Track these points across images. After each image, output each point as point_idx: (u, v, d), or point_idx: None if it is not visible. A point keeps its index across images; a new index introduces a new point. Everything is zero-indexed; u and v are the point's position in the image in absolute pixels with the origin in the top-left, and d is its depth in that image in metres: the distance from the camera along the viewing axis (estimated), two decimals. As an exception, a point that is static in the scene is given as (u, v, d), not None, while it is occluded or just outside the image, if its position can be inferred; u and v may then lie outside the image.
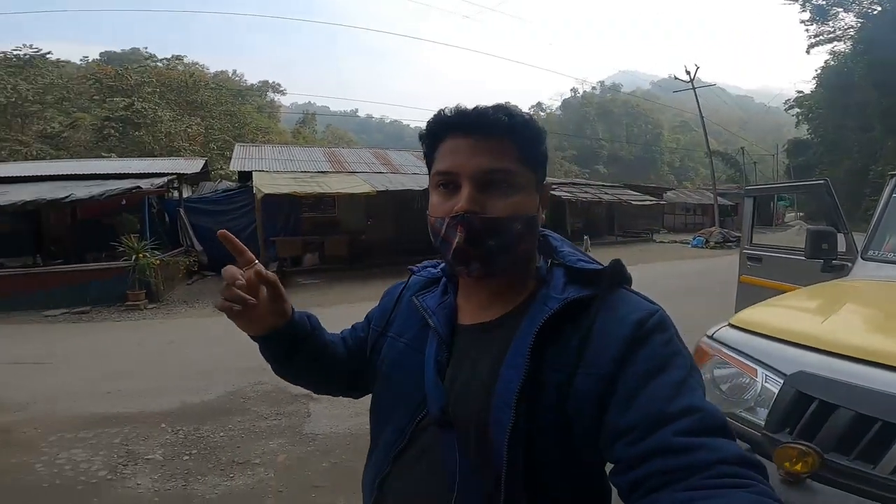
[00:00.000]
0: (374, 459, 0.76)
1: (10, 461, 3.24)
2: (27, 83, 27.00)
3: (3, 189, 10.09)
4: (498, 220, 0.66)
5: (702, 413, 0.56)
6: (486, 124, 0.67)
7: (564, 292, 0.67)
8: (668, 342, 0.63)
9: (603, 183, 26.48)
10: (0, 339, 7.11)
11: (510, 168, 0.67)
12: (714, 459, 0.52)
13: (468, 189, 0.66)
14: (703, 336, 1.94)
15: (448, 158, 0.68)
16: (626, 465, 0.57)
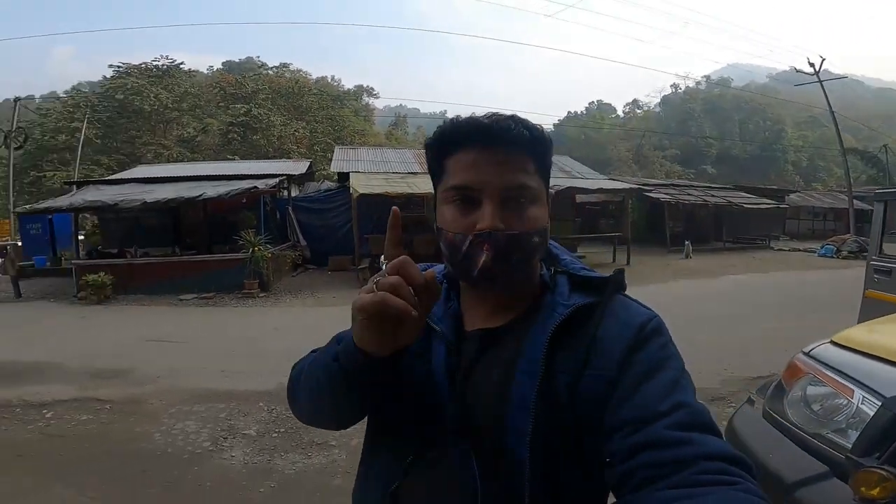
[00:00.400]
0: (378, 472, 0.74)
1: (136, 430, 3.79)
2: (167, 92, 31.13)
3: (150, 188, 11.82)
4: (520, 236, 0.67)
5: (690, 409, 0.59)
6: (510, 139, 0.66)
7: (571, 299, 0.69)
8: (663, 346, 0.66)
9: (710, 184, 24.36)
10: (143, 319, 8.36)
11: (532, 184, 0.68)
12: (700, 454, 0.54)
13: (491, 205, 0.65)
14: (798, 352, 1.84)
15: (468, 173, 0.67)
16: (618, 459, 0.58)
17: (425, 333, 0.72)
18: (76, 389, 4.66)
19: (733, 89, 65.54)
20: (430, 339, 0.73)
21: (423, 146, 0.75)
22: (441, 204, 0.71)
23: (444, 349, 0.72)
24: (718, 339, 6.02)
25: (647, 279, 11.44)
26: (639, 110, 68.33)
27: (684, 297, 9.30)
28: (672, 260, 14.48)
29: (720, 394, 4.25)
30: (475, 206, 0.66)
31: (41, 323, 8.14)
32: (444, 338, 0.72)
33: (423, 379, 0.71)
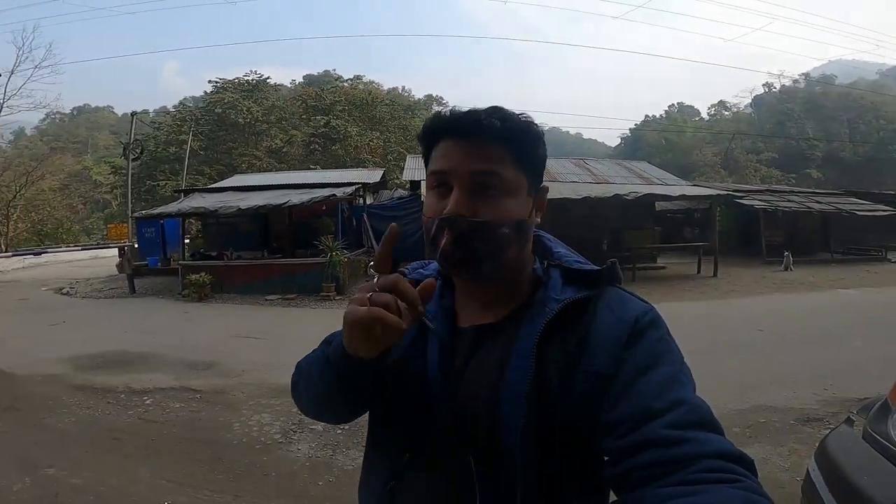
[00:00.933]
0: (378, 467, 0.75)
1: (219, 419, 4.10)
2: (257, 105, 33.81)
3: (244, 196, 12.87)
4: (485, 224, 0.66)
5: (689, 406, 0.58)
6: (479, 128, 0.67)
7: (563, 293, 0.69)
8: (660, 339, 0.66)
9: (814, 190, 21.94)
10: (234, 316, 9.10)
11: (500, 172, 0.67)
12: (701, 453, 0.53)
13: (458, 192, 0.66)
14: None
15: (441, 160, 0.69)
16: (615, 458, 0.58)
17: (420, 330, 0.73)
18: (173, 379, 5.16)
19: (839, 87, 58.69)
20: (424, 336, 0.73)
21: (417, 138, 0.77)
22: (427, 192, 0.72)
23: (437, 345, 0.72)
24: (819, 357, 5.45)
25: (738, 291, 10.55)
26: (726, 112, 63.26)
27: (781, 311, 8.43)
28: (769, 272, 13.19)
29: (817, 415, 3.84)
30: (448, 192, 0.67)
31: (149, 317, 9.14)
32: (438, 335, 0.72)
33: (418, 376, 0.71)
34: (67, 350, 6.29)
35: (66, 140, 56.84)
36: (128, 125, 25.70)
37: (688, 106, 68.49)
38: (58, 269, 18.71)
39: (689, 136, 55.89)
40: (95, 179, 39.78)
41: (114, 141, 52.81)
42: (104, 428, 3.96)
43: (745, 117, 61.63)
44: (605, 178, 15.68)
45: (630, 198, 11.95)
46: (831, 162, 49.68)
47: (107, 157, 42.18)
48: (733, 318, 7.84)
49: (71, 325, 8.34)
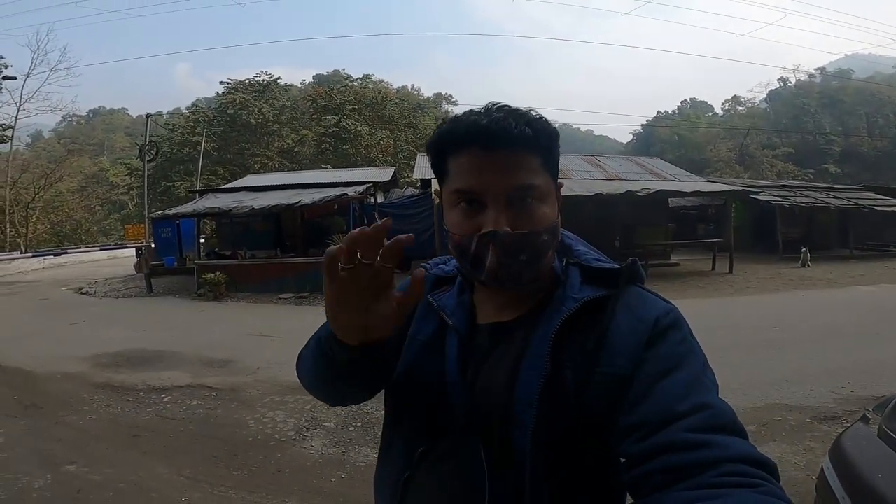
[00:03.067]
0: (393, 460, 0.75)
1: (234, 416, 4.16)
2: (268, 106, 34.08)
3: (257, 196, 13.02)
4: (527, 236, 0.65)
5: (713, 410, 0.56)
6: (511, 139, 0.64)
7: (581, 292, 0.67)
8: (682, 341, 0.64)
9: (832, 185, 21.54)
10: (249, 315, 9.22)
11: (539, 184, 0.66)
12: (722, 457, 0.52)
13: (495, 209, 0.64)
14: None
15: (471, 176, 0.65)
16: (635, 461, 0.57)
17: (439, 326, 0.74)
18: (191, 377, 5.25)
19: (856, 81, 57.46)
20: (443, 332, 0.74)
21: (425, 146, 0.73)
22: (448, 206, 0.70)
23: (456, 341, 0.72)
24: (838, 355, 5.37)
25: (754, 288, 10.42)
26: (741, 107, 62.40)
27: (798, 308, 8.32)
28: (785, 268, 12.98)
29: (834, 413, 3.80)
30: (481, 209, 0.65)
31: (166, 316, 9.29)
32: (457, 331, 0.72)
33: (436, 371, 0.71)
34: (87, 349, 6.43)
35: (82, 142, 57.97)
36: (142, 127, 26.14)
37: (701, 101, 67.62)
38: (77, 270, 19.11)
39: (703, 131, 55.17)
40: (112, 181, 40.50)
41: (129, 142, 53.79)
42: (124, 425, 4.05)
43: (760, 112, 60.72)
44: (616, 174, 15.54)
45: (642, 194, 11.83)
46: (849, 157, 48.75)
47: (123, 159, 42.94)
48: (749, 316, 7.74)
49: (90, 325, 8.52)
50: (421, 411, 0.72)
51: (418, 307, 0.79)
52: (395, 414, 0.78)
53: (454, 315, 0.74)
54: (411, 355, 0.76)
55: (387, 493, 0.74)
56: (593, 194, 11.48)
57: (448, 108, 53.68)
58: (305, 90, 46.68)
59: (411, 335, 0.78)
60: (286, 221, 14.32)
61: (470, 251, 0.66)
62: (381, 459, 0.79)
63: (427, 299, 0.78)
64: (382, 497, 0.76)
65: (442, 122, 0.70)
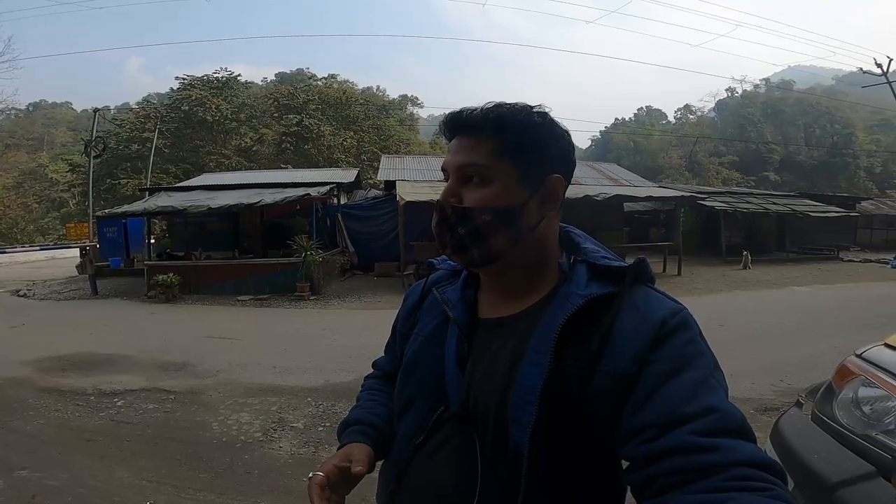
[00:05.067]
0: (395, 449, 0.77)
1: (195, 419, 4.06)
2: (226, 103, 32.93)
3: (214, 195, 12.58)
4: (465, 210, 0.69)
5: (720, 413, 0.56)
6: (462, 124, 0.72)
7: (587, 289, 0.67)
8: (690, 341, 0.63)
9: (771, 192, 23.03)
10: (205, 317, 8.91)
11: (480, 162, 0.70)
12: (730, 461, 0.52)
13: (450, 182, 0.72)
14: (850, 354, 1.84)
15: (446, 157, 0.75)
16: (640, 463, 0.57)
17: (442, 319, 0.77)
18: (145, 380, 5.05)
19: (796, 92, 61.59)
20: (446, 325, 0.75)
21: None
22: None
23: (456, 335, 0.73)
24: (776, 350, 5.78)
25: (699, 289, 11.00)
26: (692, 116, 65.56)
27: (739, 308, 8.87)
28: (728, 270, 13.80)
29: (774, 404, 4.10)
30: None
31: (115, 319, 8.83)
32: (458, 324, 0.73)
33: (436, 363, 0.73)
34: (30, 352, 6.05)
35: (20, 136, 53.95)
36: (87, 122, 24.73)
37: (656, 109, 70.69)
38: (13, 271, 17.84)
39: (657, 138, 57.60)
40: (52, 177, 37.96)
41: (72, 138, 50.64)
42: (76, 430, 3.86)
43: (709, 121, 63.88)
44: (575, 179, 15.90)
45: (600, 199, 12.31)
46: (788, 165, 52.10)
47: (64, 155, 40.27)
48: (696, 315, 8.05)
49: (31, 328, 8.01)
50: (420, 403, 0.73)
51: (427, 302, 0.83)
52: (397, 406, 0.79)
53: (455, 308, 0.75)
54: (415, 347, 0.78)
55: (384, 483, 0.76)
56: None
57: (413, 109, 53.56)
58: (267, 88, 45.33)
59: (417, 329, 0.80)
60: (245, 222, 13.94)
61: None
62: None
63: (433, 293, 0.81)
64: (381, 487, 0.78)
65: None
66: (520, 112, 0.71)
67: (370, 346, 6.10)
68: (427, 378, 0.73)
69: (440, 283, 0.83)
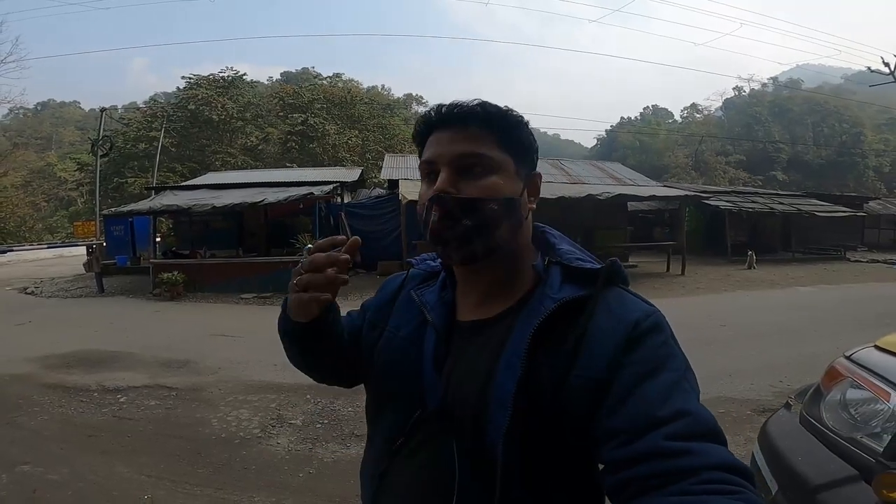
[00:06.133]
0: (372, 453, 0.77)
1: (196, 415, 4.12)
2: (232, 102, 33.10)
3: (218, 194, 12.69)
4: (472, 200, 0.67)
5: (692, 417, 0.56)
6: (461, 115, 0.70)
7: (561, 292, 0.67)
8: (662, 344, 0.63)
9: (778, 192, 22.90)
10: (209, 315, 9.00)
11: (484, 152, 0.69)
12: (701, 465, 0.52)
13: (444, 173, 0.68)
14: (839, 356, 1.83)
15: (430, 149, 0.71)
16: (614, 467, 0.57)
17: (420, 321, 0.76)
18: (148, 377, 5.12)
19: (804, 91, 61.04)
20: (424, 327, 0.75)
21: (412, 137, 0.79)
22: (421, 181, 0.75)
23: (434, 337, 0.73)
24: (776, 351, 5.75)
25: (703, 289, 10.97)
26: (698, 115, 65.04)
27: (742, 308, 8.84)
28: (733, 270, 13.73)
29: (772, 405, 4.08)
30: (437, 178, 0.70)
31: (120, 316, 8.94)
32: (435, 326, 0.74)
33: (413, 365, 0.73)
34: (36, 350, 6.14)
35: (29, 136, 54.58)
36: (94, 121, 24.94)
37: (662, 108, 70.22)
38: (21, 269, 18.05)
39: (663, 137, 57.30)
40: (60, 176, 38.35)
41: (80, 137, 51.06)
42: (78, 426, 3.93)
43: (716, 120, 63.43)
44: (579, 178, 16.02)
45: (603, 198, 12.28)
46: (796, 164, 51.70)
47: (72, 154, 40.67)
48: (698, 315, 8.16)
49: (38, 325, 8.12)
50: (398, 405, 0.73)
51: (402, 301, 0.82)
52: (375, 408, 0.79)
53: (434, 311, 0.75)
54: (392, 349, 0.77)
55: (367, 486, 0.77)
56: (556, 197, 11.81)
57: (418, 108, 53.59)
58: (272, 87, 45.70)
59: (393, 329, 0.79)
60: (249, 220, 14.04)
61: (422, 217, 0.70)
62: (365, 453, 0.82)
63: (410, 294, 0.80)
64: (364, 489, 0.78)
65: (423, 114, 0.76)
66: (507, 110, 0.73)
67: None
68: (405, 379, 0.73)
69: (417, 283, 0.82)
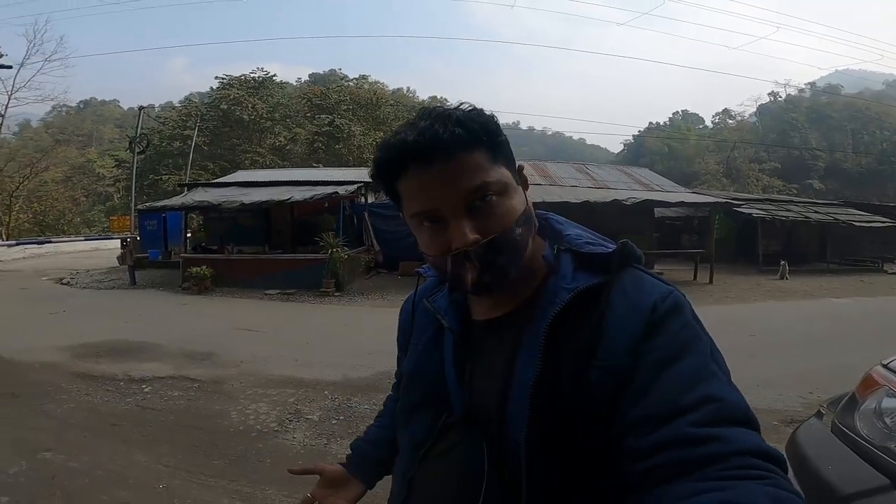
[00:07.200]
0: (402, 460, 0.77)
1: (216, 408, 4.19)
2: (262, 102, 33.90)
3: (247, 191, 12.97)
4: (500, 237, 0.62)
5: (721, 402, 0.54)
6: (442, 146, 0.60)
7: (574, 281, 0.64)
8: (684, 326, 0.60)
9: (814, 200, 22.05)
10: (234, 309, 9.19)
11: (487, 179, 0.62)
12: (731, 451, 0.50)
13: (457, 222, 0.61)
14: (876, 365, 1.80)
15: (421, 198, 0.63)
16: (636, 456, 0.55)
17: (437, 327, 0.75)
18: (172, 368, 5.25)
19: (844, 97, 58.58)
20: (441, 333, 0.74)
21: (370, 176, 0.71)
22: (414, 228, 0.67)
23: (452, 341, 0.72)
24: (807, 362, 5.54)
25: (732, 298, 10.63)
26: (731, 120, 63.29)
27: (773, 317, 8.53)
28: (764, 280, 13.26)
29: (800, 416, 3.93)
30: (444, 224, 0.63)
31: (149, 308, 9.22)
32: (451, 331, 0.72)
33: (436, 372, 0.72)
34: (67, 339, 6.38)
35: (70, 132, 57.09)
36: (133, 119, 25.91)
37: (692, 113, 68.65)
38: (59, 260, 18.83)
39: (693, 143, 56.00)
40: (99, 172, 39.94)
41: (118, 134, 53.14)
42: (103, 414, 4.04)
43: (750, 126, 61.56)
44: (605, 183, 15.76)
45: (628, 203, 12.05)
46: (834, 173, 49.74)
47: (111, 151, 42.35)
48: (725, 324, 7.88)
49: (71, 315, 8.44)
50: (425, 412, 0.73)
51: (419, 314, 0.80)
52: (404, 417, 0.78)
53: (447, 315, 0.73)
54: (414, 359, 0.77)
55: (397, 491, 0.77)
56: (581, 201, 11.67)
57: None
58: (300, 88, 46.59)
59: (415, 341, 0.79)
60: (275, 218, 14.28)
61: (448, 272, 0.65)
62: (396, 461, 0.81)
63: (423, 303, 0.79)
64: (394, 494, 0.78)
65: (376, 150, 0.67)
66: (479, 113, 0.65)
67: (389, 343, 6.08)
68: (429, 386, 0.73)
69: (430, 292, 0.80)
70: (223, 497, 2.78)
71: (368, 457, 0.94)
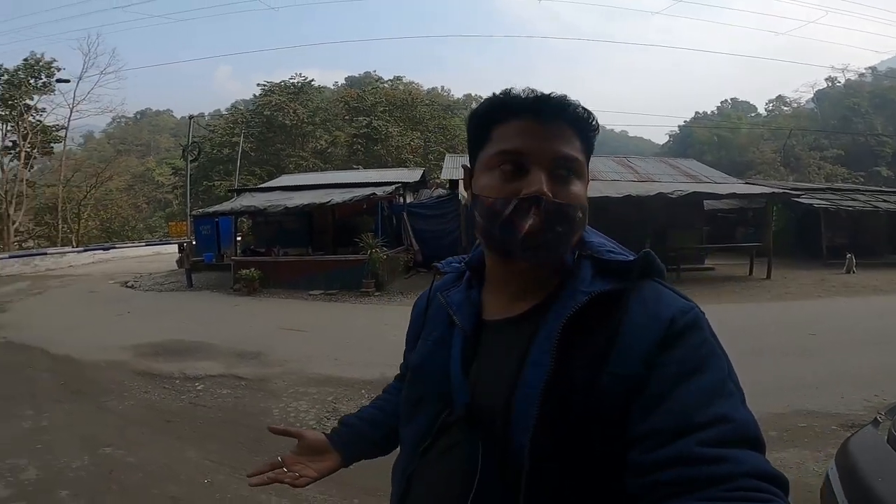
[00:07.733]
0: (403, 455, 0.78)
1: (260, 405, 4.37)
2: (302, 107, 34.88)
3: (290, 195, 13.44)
4: (568, 207, 0.64)
5: (733, 423, 0.54)
6: (558, 109, 0.66)
7: (592, 285, 0.64)
8: (702, 343, 0.60)
9: (882, 188, 20.38)
10: (280, 310, 9.54)
11: (578, 157, 0.66)
12: (736, 472, 0.50)
13: (542, 173, 0.64)
14: None
15: (517, 139, 0.65)
16: (641, 470, 0.55)
17: (448, 323, 0.75)
18: (223, 367, 5.51)
19: (909, 80, 53.55)
20: (452, 329, 0.74)
21: (468, 116, 0.73)
22: (482, 171, 0.69)
23: (461, 338, 0.72)
24: (875, 363, 5.12)
25: (792, 294, 10.01)
26: (785, 107, 59.30)
27: (838, 315, 7.97)
28: (828, 274, 12.37)
29: (862, 421, 3.64)
30: (521, 174, 0.65)
31: (204, 309, 9.74)
32: (462, 327, 0.72)
33: (442, 368, 0.72)
34: (130, 339, 6.83)
35: (130, 143, 60.99)
36: (185, 128, 27.28)
37: (742, 102, 64.90)
38: (124, 264, 20.17)
39: (745, 132, 52.97)
40: (157, 180, 42.49)
41: (173, 143, 56.16)
42: (160, 411, 4.31)
43: (807, 113, 57.58)
44: (648, 176, 15.20)
45: (674, 196, 11.54)
46: (905, 158, 45.69)
47: (167, 159, 44.88)
48: (783, 322, 7.45)
49: (134, 316, 9.03)
50: (427, 408, 0.73)
51: (433, 308, 0.81)
52: (406, 412, 0.79)
53: (459, 312, 0.74)
54: (421, 353, 0.78)
55: (396, 486, 0.77)
56: (623, 196, 11.29)
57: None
58: (338, 92, 47.72)
59: (425, 335, 0.79)
60: (318, 220, 14.71)
61: (503, 214, 0.64)
62: (397, 457, 0.82)
63: (437, 297, 0.80)
64: (394, 490, 0.79)
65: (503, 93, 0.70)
66: (592, 114, 0.70)
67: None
68: (433, 382, 0.73)
69: (446, 287, 0.81)
70: (261, 493, 2.89)
71: (363, 434, 0.95)
